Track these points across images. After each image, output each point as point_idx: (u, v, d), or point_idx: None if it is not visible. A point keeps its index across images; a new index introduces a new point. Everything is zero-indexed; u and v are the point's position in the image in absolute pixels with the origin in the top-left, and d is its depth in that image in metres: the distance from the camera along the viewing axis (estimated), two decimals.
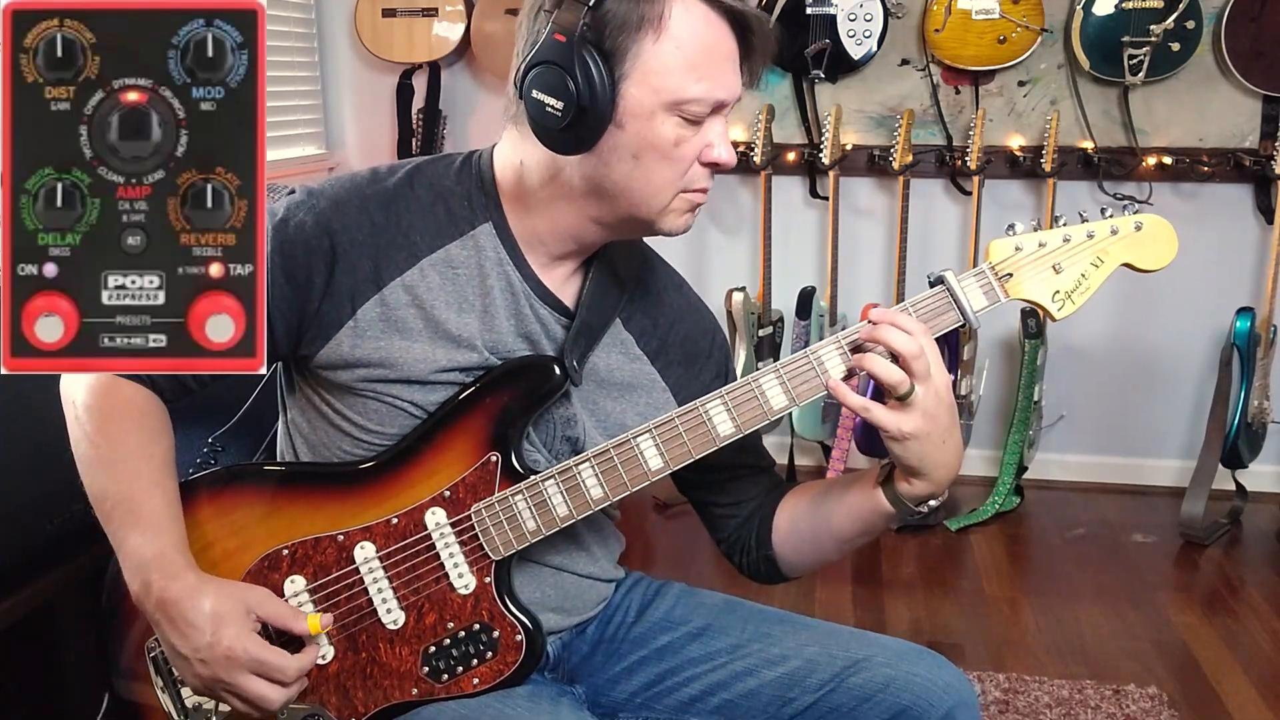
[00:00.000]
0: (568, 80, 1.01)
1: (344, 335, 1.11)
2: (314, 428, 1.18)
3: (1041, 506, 3.24)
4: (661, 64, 1.04)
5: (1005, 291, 1.13)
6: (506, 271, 1.15)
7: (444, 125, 3.40)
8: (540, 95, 1.03)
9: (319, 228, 1.11)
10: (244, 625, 1.04)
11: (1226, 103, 3.10)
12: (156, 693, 1.14)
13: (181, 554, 1.07)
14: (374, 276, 1.11)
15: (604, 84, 1.02)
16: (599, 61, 1.02)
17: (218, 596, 1.04)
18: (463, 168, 1.17)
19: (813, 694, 1.17)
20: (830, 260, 3.13)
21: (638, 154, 1.07)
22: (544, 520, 1.12)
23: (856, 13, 3.09)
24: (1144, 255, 1.15)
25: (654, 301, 1.26)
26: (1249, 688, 2.27)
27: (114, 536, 1.08)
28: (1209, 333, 3.20)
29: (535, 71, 1.03)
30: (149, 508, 1.07)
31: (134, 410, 1.12)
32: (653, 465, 1.12)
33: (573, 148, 1.06)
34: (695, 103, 1.05)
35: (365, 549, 1.13)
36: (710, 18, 1.05)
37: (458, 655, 1.13)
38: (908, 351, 1.06)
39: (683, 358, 1.27)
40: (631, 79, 1.04)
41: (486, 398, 1.13)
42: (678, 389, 1.25)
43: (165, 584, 1.03)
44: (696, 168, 1.09)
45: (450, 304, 1.13)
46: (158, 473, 1.10)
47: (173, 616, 1.03)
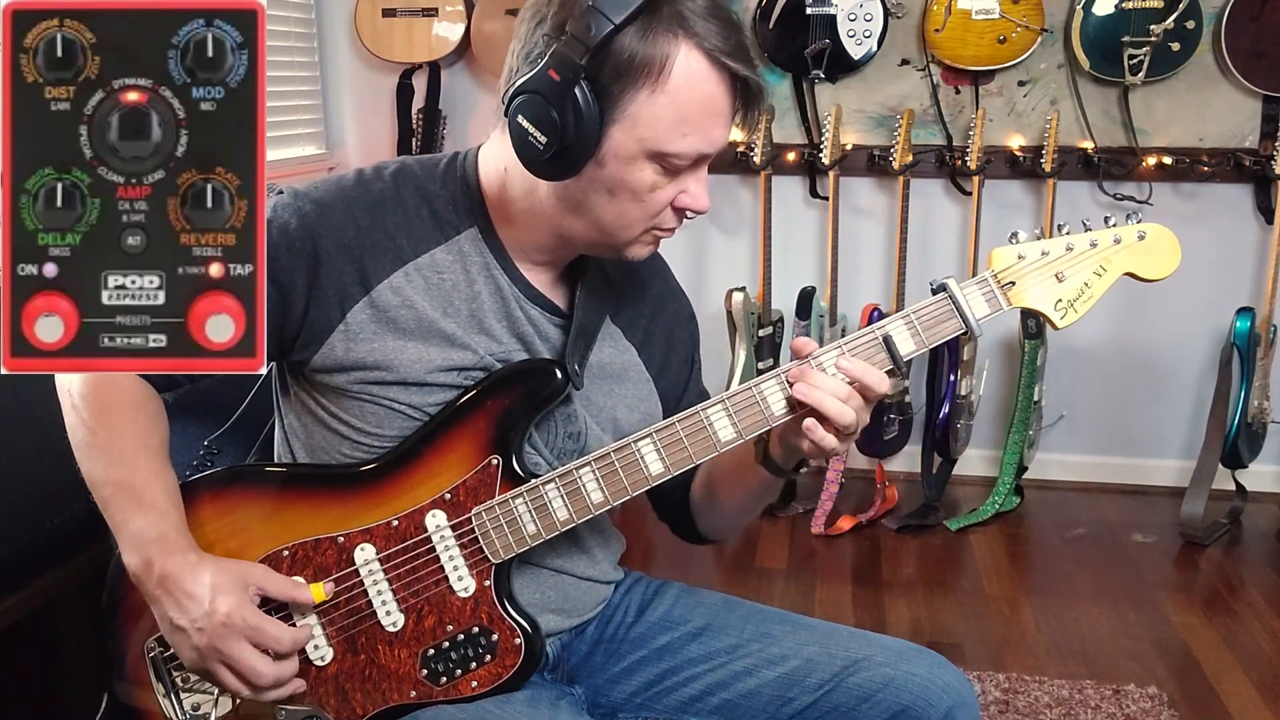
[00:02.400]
0: (555, 116, 1.00)
1: (336, 339, 1.11)
2: (311, 432, 1.18)
3: (1041, 506, 3.24)
4: (652, 115, 1.03)
5: (1008, 299, 1.14)
6: (494, 275, 1.15)
7: (444, 125, 3.40)
8: (525, 123, 1.02)
9: (303, 230, 1.10)
10: (243, 595, 1.05)
11: (1226, 103, 3.10)
12: (156, 695, 1.14)
13: (183, 535, 1.07)
14: (361, 280, 1.11)
15: (592, 124, 1.01)
16: (590, 103, 1.00)
17: (217, 569, 1.05)
18: (448, 170, 1.17)
19: (812, 694, 1.17)
20: (830, 260, 3.13)
21: (613, 191, 1.07)
22: (544, 524, 1.12)
23: (856, 13, 3.09)
24: (1147, 264, 1.16)
25: (639, 292, 1.27)
26: (1249, 688, 2.27)
27: (114, 520, 1.08)
28: (1209, 333, 3.20)
29: (523, 99, 1.02)
30: (150, 493, 1.08)
31: (129, 398, 1.13)
32: (653, 470, 1.12)
33: (550, 176, 1.06)
34: (678, 156, 1.05)
35: (365, 551, 1.13)
36: (710, 74, 1.03)
37: (456, 658, 1.13)
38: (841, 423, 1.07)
39: (663, 346, 1.29)
40: (620, 124, 1.03)
41: (488, 401, 1.13)
42: (658, 377, 1.27)
43: (165, 560, 1.04)
44: (668, 211, 1.10)
45: (436, 308, 1.13)
46: (155, 461, 1.11)
47: (171, 589, 1.03)
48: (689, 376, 1.33)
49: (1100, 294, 1.15)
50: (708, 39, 1.02)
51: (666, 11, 1.01)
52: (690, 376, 1.34)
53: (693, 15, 1.02)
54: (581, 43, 0.98)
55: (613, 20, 0.98)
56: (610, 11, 0.98)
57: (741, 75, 1.04)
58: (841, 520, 3.03)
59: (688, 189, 1.08)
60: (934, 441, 3.12)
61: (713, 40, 1.02)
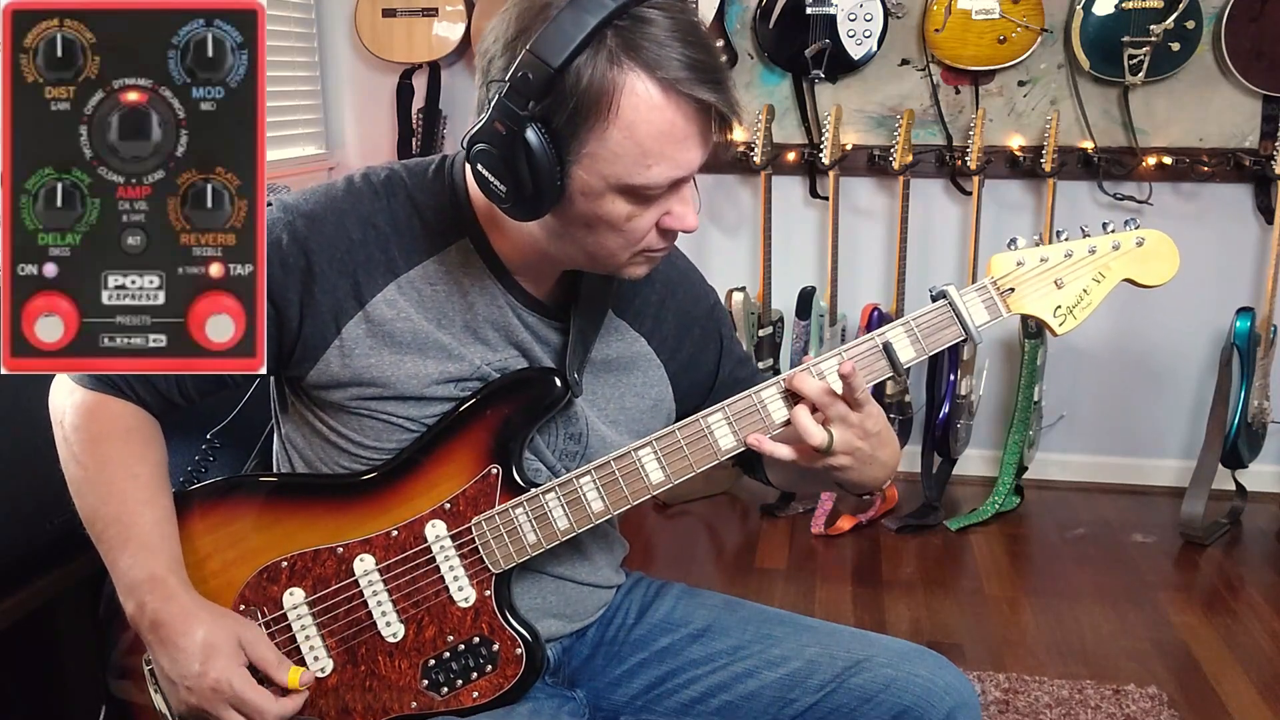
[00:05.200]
0: (510, 165, 0.97)
1: (331, 355, 1.10)
2: (309, 444, 1.17)
3: (1041, 506, 3.24)
4: (610, 152, 0.98)
5: (1007, 306, 1.14)
6: (487, 285, 1.13)
7: (444, 125, 3.39)
8: (484, 170, 0.99)
9: (295, 245, 1.08)
10: (234, 659, 1.05)
11: (1226, 103, 3.10)
12: (154, 702, 1.14)
13: (174, 574, 1.07)
14: (355, 294, 1.10)
15: (549, 170, 0.97)
16: (544, 148, 0.96)
17: (211, 626, 1.05)
18: (436, 177, 1.14)
19: (814, 695, 1.17)
20: (830, 260, 3.13)
21: (590, 225, 1.03)
22: (544, 533, 1.12)
23: (856, 13, 3.09)
24: (1145, 271, 1.16)
25: (645, 280, 1.23)
26: (1249, 688, 2.26)
27: (106, 557, 1.08)
28: (1209, 333, 3.20)
29: (478, 148, 0.99)
30: (139, 528, 1.07)
31: (120, 429, 1.11)
32: (654, 479, 1.12)
33: (520, 218, 1.04)
34: (648, 187, 1.00)
35: (365, 561, 1.12)
36: (666, 103, 0.97)
37: (457, 668, 1.12)
38: (819, 401, 1.08)
39: (675, 329, 1.26)
40: (580, 164, 0.98)
41: (487, 410, 1.12)
42: (669, 360, 1.25)
43: (158, 606, 1.04)
44: (654, 234, 1.06)
45: (430, 320, 1.11)
46: (145, 491, 1.10)
47: (164, 639, 1.04)
48: (719, 353, 1.30)
49: (1099, 300, 1.16)
50: (660, 67, 0.96)
51: (613, 43, 0.95)
52: (721, 352, 1.30)
53: (645, 43, 0.96)
54: (522, 92, 0.94)
55: (551, 65, 0.93)
56: (549, 55, 0.93)
57: (697, 98, 0.97)
58: (841, 520, 3.03)
59: (671, 210, 1.04)
60: (934, 441, 3.12)
61: (668, 69, 0.96)
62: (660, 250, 1.09)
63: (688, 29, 0.98)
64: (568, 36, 0.93)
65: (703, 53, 0.98)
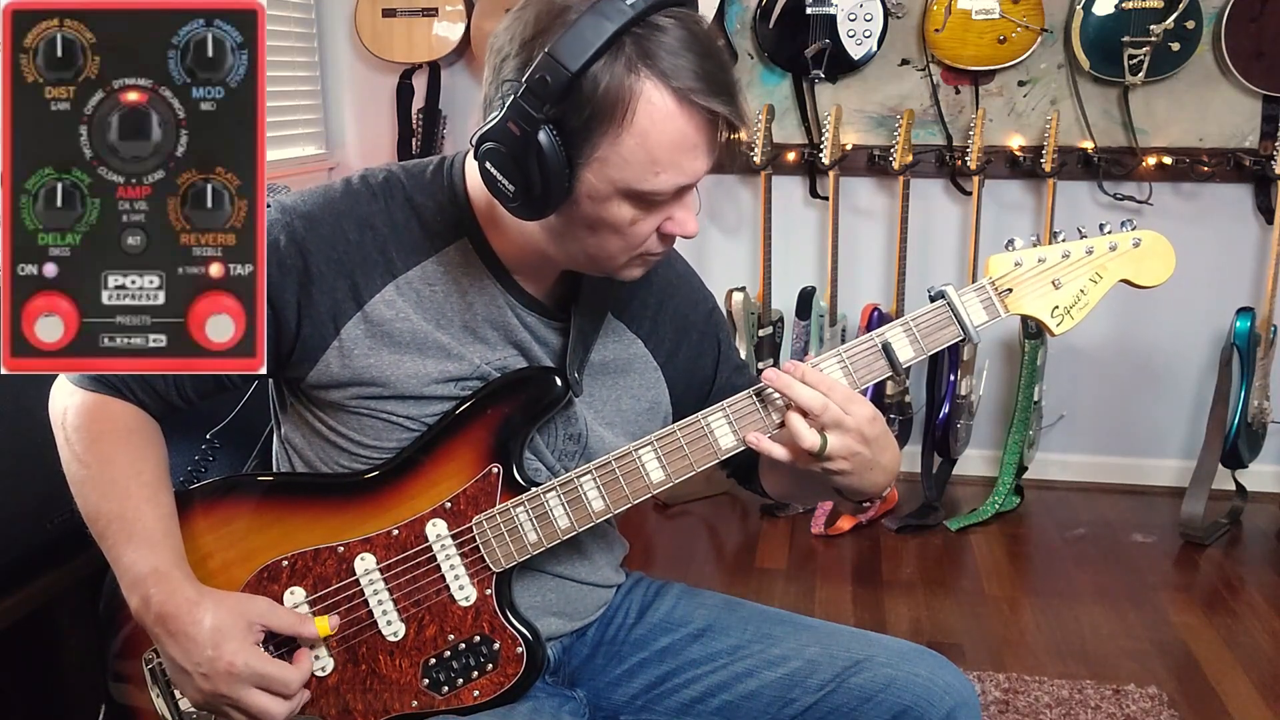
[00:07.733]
0: (520, 165, 0.98)
1: (331, 356, 1.10)
2: (309, 444, 1.17)
3: (1041, 506, 3.24)
4: (621, 157, 0.99)
5: (1005, 306, 1.15)
6: (486, 285, 1.13)
7: (444, 125, 3.39)
8: (492, 169, 1.00)
9: (293, 247, 1.09)
10: (245, 639, 1.04)
11: (1226, 103, 3.10)
12: (155, 704, 1.14)
13: (178, 567, 1.07)
14: (353, 295, 1.10)
15: (559, 172, 0.98)
16: (556, 150, 0.97)
17: (218, 610, 1.04)
18: (434, 178, 1.15)
19: (814, 694, 1.17)
20: (830, 260, 3.13)
21: (593, 227, 1.04)
22: (545, 532, 1.12)
23: (856, 13, 3.09)
24: (1142, 272, 1.17)
25: (644, 282, 1.23)
26: (1249, 688, 2.26)
27: (110, 554, 1.08)
28: (1209, 333, 3.20)
29: (488, 146, 0.99)
30: (142, 524, 1.07)
31: (121, 429, 1.11)
32: (654, 478, 1.12)
33: (525, 217, 1.04)
34: (654, 194, 1.02)
35: (365, 560, 1.12)
36: (679, 112, 0.98)
37: (458, 667, 1.13)
38: (811, 407, 1.07)
39: (673, 332, 1.27)
40: (589, 167, 0.99)
41: (488, 409, 1.12)
42: (666, 363, 1.26)
43: (164, 598, 1.03)
44: (654, 238, 1.07)
45: (429, 320, 1.12)
46: (148, 489, 1.10)
47: (173, 631, 1.03)
48: (716, 359, 1.31)
49: (1096, 300, 1.17)
50: (675, 76, 0.97)
51: (631, 50, 0.96)
52: (719, 358, 1.31)
53: (661, 52, 0.97)
54: (538, 95, 0.95)
55: (569, 69, 0.93)
56: (567, 59, 0.93)
57: (709, 109, 0.99)
58: (841, 520, 3.03)
59: (673, 216, 1.05)
60: (934, 441, 3.12)
61: (682, 78, 0.97)
62: (659, 254, 1.10)
63: (702, 39, 1.00)
64: (587, 42, 0.94)
65: (716, 64, 1.00)
